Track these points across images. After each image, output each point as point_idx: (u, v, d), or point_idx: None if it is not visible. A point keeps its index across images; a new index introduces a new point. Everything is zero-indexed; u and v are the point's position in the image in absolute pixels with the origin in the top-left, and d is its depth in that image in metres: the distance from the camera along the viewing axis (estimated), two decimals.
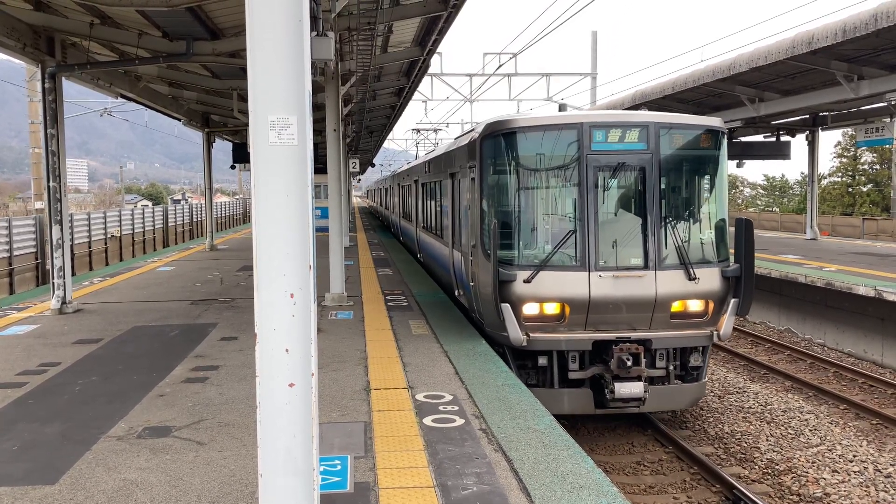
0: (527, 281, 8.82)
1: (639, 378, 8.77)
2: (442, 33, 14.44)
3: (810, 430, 10.48)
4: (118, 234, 30.18)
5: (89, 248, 26.85)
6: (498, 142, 9.35)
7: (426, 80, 28.53)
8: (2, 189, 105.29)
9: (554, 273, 8.89)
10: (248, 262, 18.87)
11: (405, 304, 12.48)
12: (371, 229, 35.30)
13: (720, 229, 9.48)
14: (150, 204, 73.17)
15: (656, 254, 8.95)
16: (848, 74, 17.03)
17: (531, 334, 8.86)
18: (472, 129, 11.21)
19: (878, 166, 49.45)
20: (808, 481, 8.74)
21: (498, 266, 8.75)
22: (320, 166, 15.90)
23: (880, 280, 14.98)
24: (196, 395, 7.22)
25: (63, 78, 12.15)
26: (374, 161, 65.08)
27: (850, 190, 50.53)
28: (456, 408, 6.72)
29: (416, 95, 26.00)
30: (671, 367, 9.19)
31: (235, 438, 5.97)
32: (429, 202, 16.46)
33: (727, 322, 9.18)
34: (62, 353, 9.04)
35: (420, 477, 5.16)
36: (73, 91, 25.93)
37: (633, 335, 8.94)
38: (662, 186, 9.07)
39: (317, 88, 13.06)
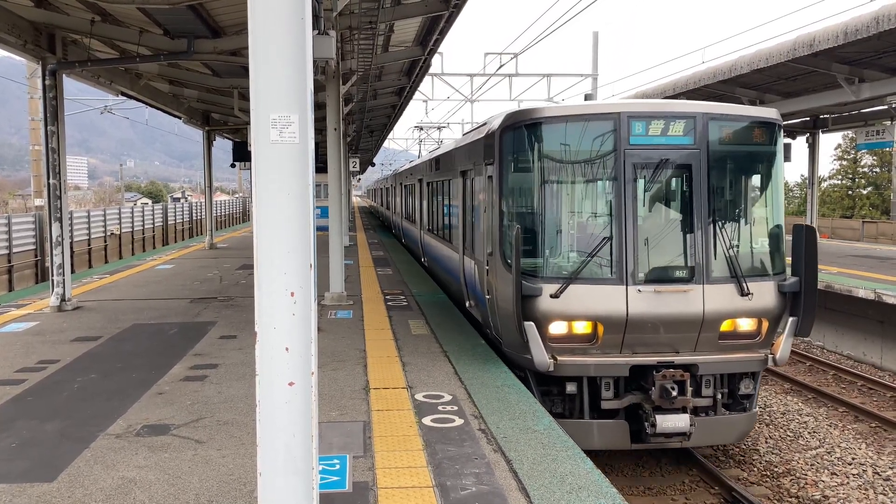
0: (554, 296, 7.70)
1: (684, 409, 7.72)
2: (443, 33, 14.44)
3: (809, 433, 10.48)
4: (118, 232, 30.18)
5: (89, 245, 26.85)
6: (520, 134, 8.21)
7: (427, 79, 28.52)
8: (1, 186, 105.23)
9: (586, 287, 7.76)
10: (248, 261, 18.86)
11: (405, 303, 12.47)
12: (371, 229, 35.30)
13: (776, 237, 8.37)
14: (149, 202, 73.14)
15: (704, 265, 7.82)
16: (849, 77, 17.04)
17: (558, 357, 7.76)
18: (485, 123, 10.22)
19: (878, 169, 49.49)
20: (806, 484, 8.73)
21: (521, 278, 7.66)
22: (321, 165, 15.90)
23: (880, 283, 14.98)
24: (195, 393, 7.21)
25: (64, 75, 12.15)
26: (375, 160, 65.14)
27: (850, 193, 50.55)
28: (455, 408, 6.71)
29: (416, 95, 25.98)
30: (719, 396, 8.10)
31: (234, 437, 5.96)
32: (435, 203, 15.37)
33: (784, 344, 8.01)
34: (61, 351, 9.03)
35: (419, 477, 5.16)
36: (74, 88, 25.91)
37: (677, 359, 7.83)
38: (711, 187, 7.97)
39: (317, 87, 13.03)
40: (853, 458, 9.50)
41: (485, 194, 9.23)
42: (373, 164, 63.16)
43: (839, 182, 52.12)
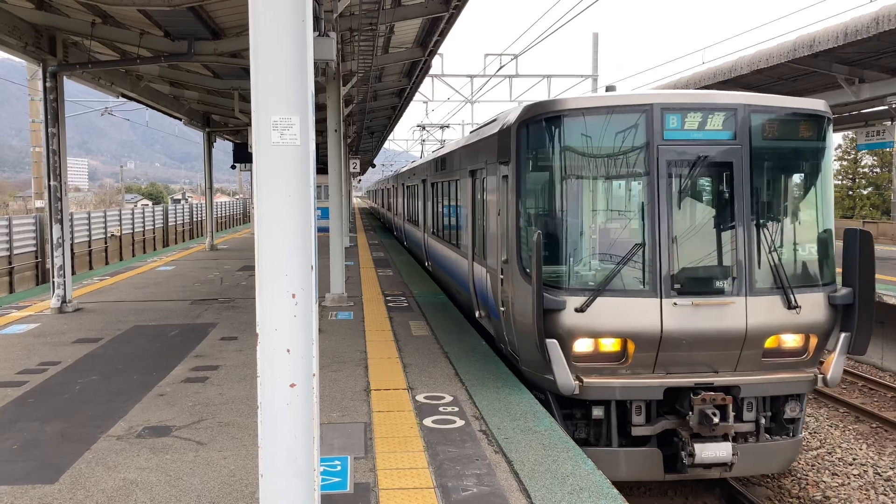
0: (579, 310, 6.89)
1: (725, 436, 6.96)
2: (443, 34, 14.46)
3: (810, 434, 10.48)
4: (118, 234, 30.19)
5: (89, 247, 26.86)
6: (540, 129, 7.36)
7: (427, 80, 28.58)
8: (2, 188, 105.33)
9: (615, 299, 6.95)
10: (248, 262, 18.87)
11: (405, 304, 12.48)
12: (371, 230, 35.32)
13: (825, 243, 7.49)
14: (150, 203, 73.20)
15: (747, 275, 7.01)
16: (849, 77, 17.06)
17: (584, 379, 6.95)
18: (494, 119, 9.48)
19: (878, 169, 49.50)
20: (807, 484, 8.74)
21: (542, 290, 6.84)
22: (321, 167, 15.93)
23: (880, 283, 14.96)
24: (196, 394, 7.22)
25: (64, 77, 12.16)
26: (375, 161, 65.22)
27: (851, 193, 50.57)
28: (456, 409, 6.72)
29: (416, 96, 26.02)
30: (762, 420, 7.32)
31: (235, 438, 5.97)
32: (440, 205, 14.52)
33: (836, 363, 7.24)
34: (62, 353, 9.04)
35: (420, 478, 5.16)
36: (74, 90, 25.96)
37: (717, 380, 7.04)
38: (754, 187, 7.16)
39: (318, 89, 13.07)
40: (854, 459, 9.51)
41: (498, 196, 8.41)
42: (373, 166, 63.26)
43: (839, 182, 52.10)
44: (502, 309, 8.17)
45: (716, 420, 6.78)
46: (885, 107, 20.41)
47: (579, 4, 15.97)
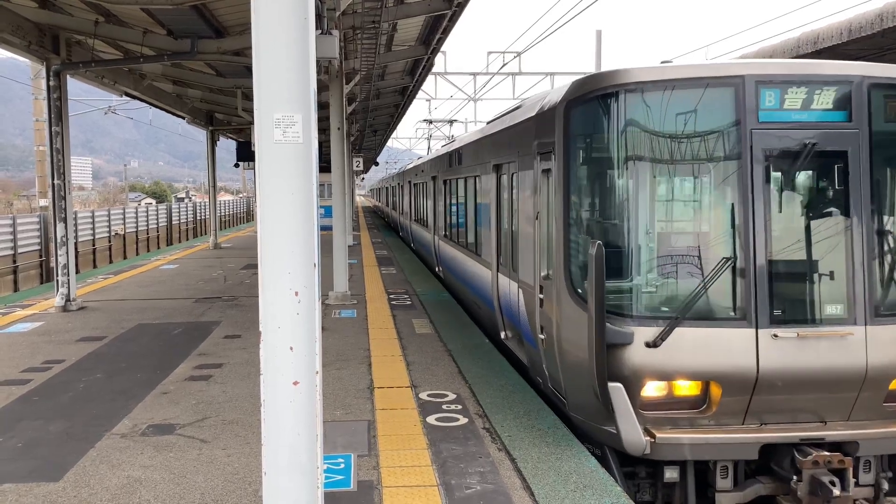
0: (652, 344, 5.38)
1: None
2: (446, 32, 14.46)
3: None
4: (122, 232, 30.26)
5: (93, 245, 26.94)
6: (597, 109, 5.78)
7: (430, 78, 28.55)
8: (6, 187, 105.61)
9: (696, 330, 5.44)
10: (252, 261, 18.89)
11: (408, 302, 12.49)
12: (375, 228, 35.35)
13: None
14: (153, 202, 73.29)
15: (866, 298, 5.50)
16: None
17: (657, 434, 5.43)
18: (519, 107, 8.22)
19: None
20: None
21: (604, 318, 5.25)
22: (324, 165, 15.94)
23: None
24: (200, 392, 7.23)
25: (68, 76, 12.19)
26: (378, 159, 65.28)
27: None
28: (459, 406, 6.72)
29: (419, 94, 26.02)
30: (883, 484, 5.76)
31: (239, 436, 5.98)
32: (455, 205, 13.02)
33: None
34: (66, 351, 9.06)
35: (423, 476, 5.16)
36: (78, 89, 25.99)
37: (829, 434, 5.52)
38: (875, 184, 5.62)
39: (321, 87, 13.08)
40: None
41: (536, 195, 6.82)
42: (376, 164, 63.36)
43: None
44: (542, 336, 6.66)
45: (836, 491, 5.19)
46: None
47: (581, 2, 15.94)
